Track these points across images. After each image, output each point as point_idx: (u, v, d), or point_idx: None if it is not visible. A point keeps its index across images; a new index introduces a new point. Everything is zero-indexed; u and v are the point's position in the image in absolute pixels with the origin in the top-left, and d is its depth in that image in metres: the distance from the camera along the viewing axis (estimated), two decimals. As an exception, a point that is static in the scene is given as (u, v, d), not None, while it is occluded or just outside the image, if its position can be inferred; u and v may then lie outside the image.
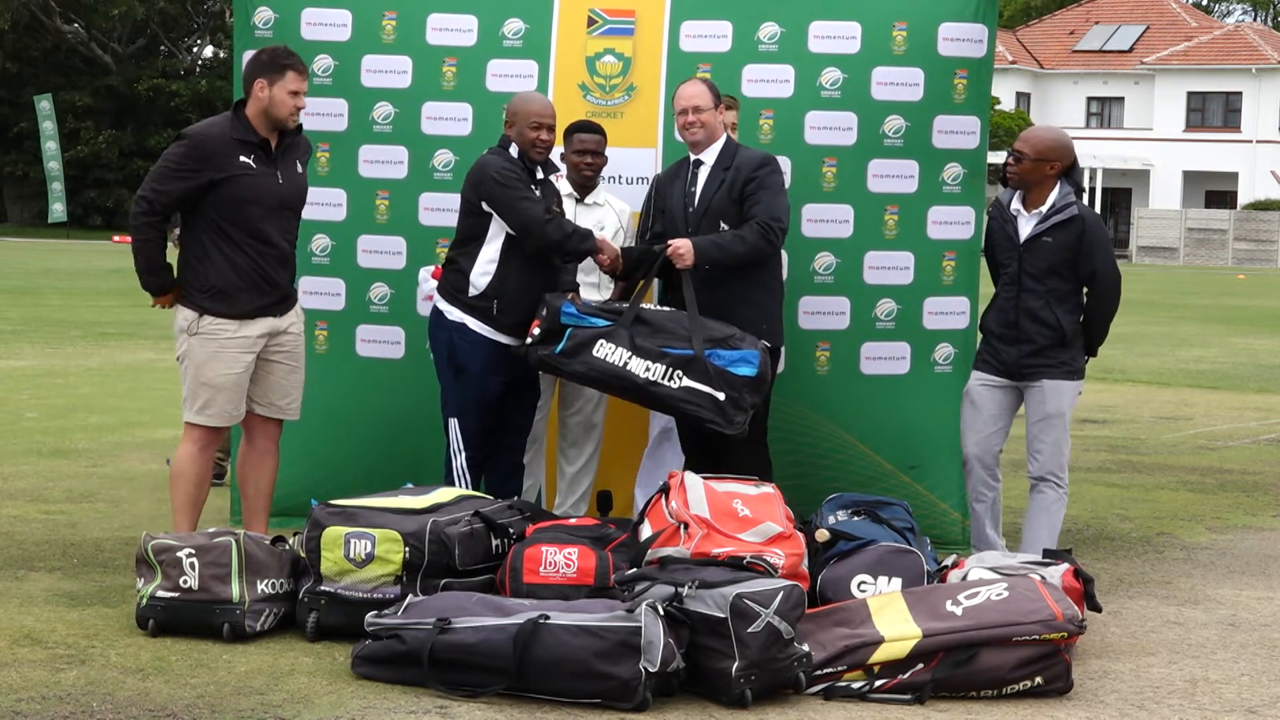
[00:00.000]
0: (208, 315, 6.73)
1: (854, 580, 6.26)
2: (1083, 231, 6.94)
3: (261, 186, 6.74)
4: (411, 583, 6.03)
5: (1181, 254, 59.90)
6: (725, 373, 6.78)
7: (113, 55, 61.92)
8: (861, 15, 7.75)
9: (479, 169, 7.01)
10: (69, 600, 6.52)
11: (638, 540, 6.20)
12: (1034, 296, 6.99)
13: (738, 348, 6.83)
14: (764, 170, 7.13)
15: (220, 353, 6.74)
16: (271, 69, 6.75)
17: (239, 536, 6.12)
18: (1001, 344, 7.07)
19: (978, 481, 7.16)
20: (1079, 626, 5.73)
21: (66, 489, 9.02)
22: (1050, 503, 7.07)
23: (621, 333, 6.83)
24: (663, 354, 6.79)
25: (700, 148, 7.18)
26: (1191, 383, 16.80)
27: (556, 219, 6.95)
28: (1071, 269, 6.98)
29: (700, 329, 6.84)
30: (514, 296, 6.96)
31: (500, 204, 6.91)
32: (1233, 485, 10.29)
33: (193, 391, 6.79)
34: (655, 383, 6.78)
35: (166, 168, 6.70)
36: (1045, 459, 7.07)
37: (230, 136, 6.73)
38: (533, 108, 7.04)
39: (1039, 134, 7.12)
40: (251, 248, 6.73)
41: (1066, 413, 7.05)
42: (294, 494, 7.62)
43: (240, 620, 5.99)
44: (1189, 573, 7.68)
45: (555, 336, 6.85)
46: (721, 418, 6.77)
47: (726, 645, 5.40)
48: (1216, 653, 6.27)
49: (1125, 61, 65.58)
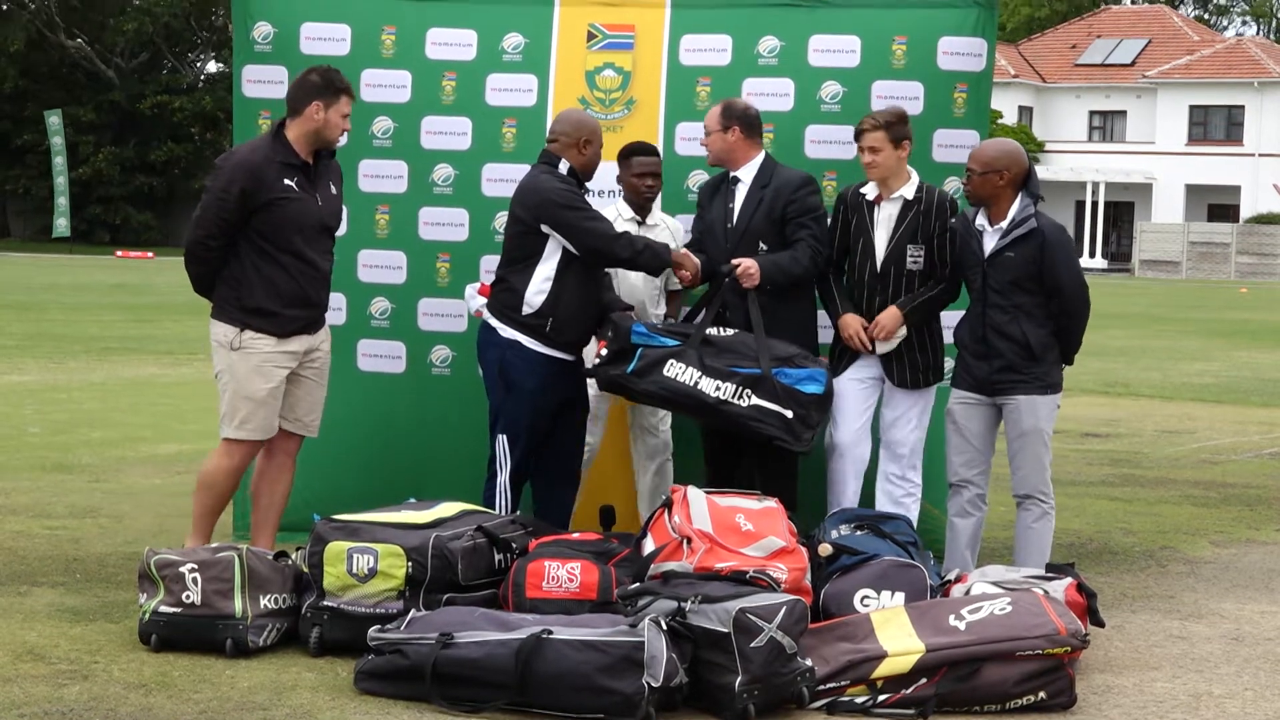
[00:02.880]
0: (249, 330, 6.80)
1: (857, 595, 6.25)
2: (1043, 244, 6.83)
3: (304, 209, 6.81)
4: (414, 598, 6.03)
5: (1184, 268, 59.91)
6: (793, 390, 6.86)
7: (116, 70, 62.08)
8: (861, 29, 7.76)
9: (535, 191, 6.94)
10: (72, 615, 6.52)
11: (640, 555, 6.19)
12: (1000, 312, 6.91)
13: (804, 366, 6.92)
14: (804, 191, 7.25)
15: (261, 367, 6.82)
16: (327, 92, 6.81)
17: (242, 551, 6.12)
18: (973, 359, 7.03)
19: (964, 502, 7.12)
20: (1082, 641, 5.72)
21: (69, 504, 9.01)
22: (1035, 520, 7.00)
23: (691, 352, 6.88)
24: (732, 373, 6.85)
25: (733, 166, 7.27)
26: (1194, 396, 16.79)
27: (625, 236, 6.98)
28: (1036, 282, 6.87)
29: (767, 348, 6.92)
30: (568, 315, 6.97)
31: (566, 226, 6.88)
32: (1236, 499, 10.28)
33: (233, 406, 6.86)
34: (726, 401, 6.84)
35: (217, 199, 6.74)
36: (1026, 476, 7.01)
37: (275, 160, 6.78)
38: (592, 125, 7.07)
39: (984, 146, 7.04)
40: (294, 268, 6.81)
41: (1045, 428, 6.96)
42: (296, 509, 7.61)
43: (243, 635, 5.99)
44: (1192, 587, 7.67)
45: (625, 356, 6.88)
46: (790, 435, 6.85)
47: (729, 660, 5.39)
48: (1220, 667, 6.26)
49: (1127, 75, 65.65)
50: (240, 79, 8.01)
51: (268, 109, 7.90)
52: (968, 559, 7.07)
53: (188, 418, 12.79)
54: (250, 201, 6.70)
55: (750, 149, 7.29)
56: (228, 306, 6.83)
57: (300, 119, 6.82)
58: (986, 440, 7.10)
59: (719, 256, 7.21)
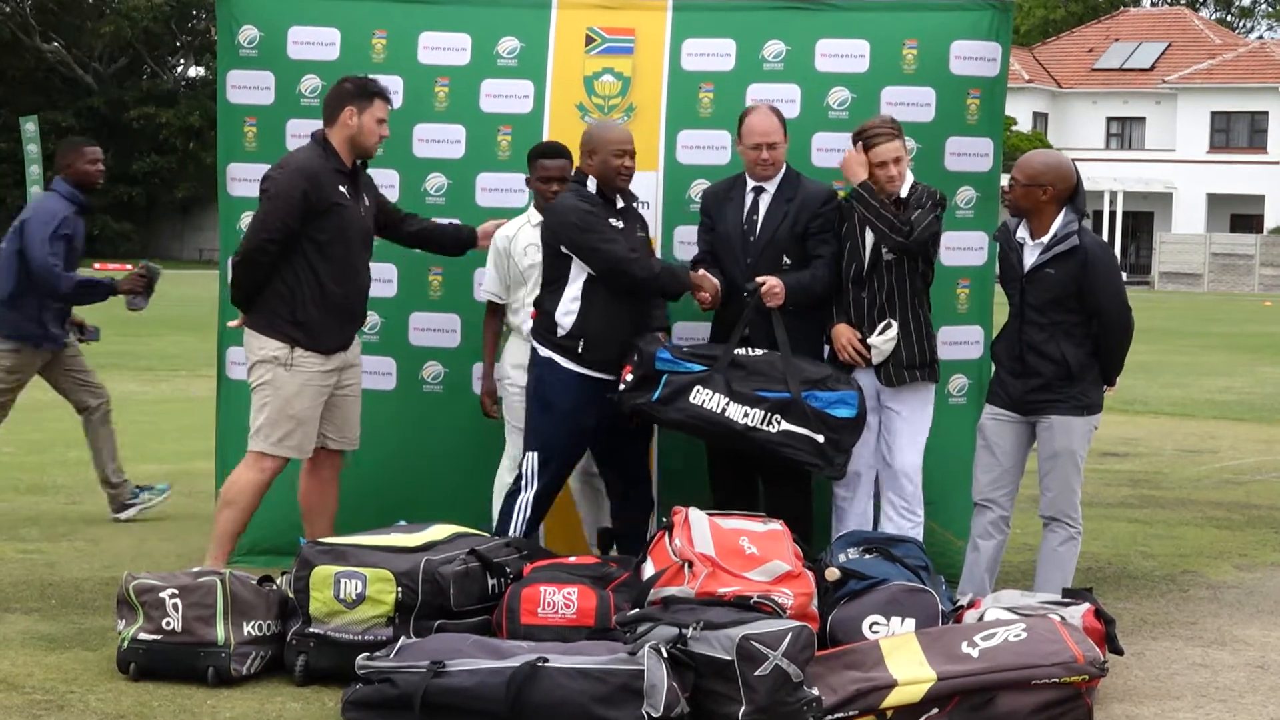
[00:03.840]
0: (300, 349, 6.95)
1: (866, 621, 6.24)
2: (1085, 262, 6.84)
3: (353, 218, 7.03)
4: (404, 624, 6.03)
5: (1206, 280, 59.94)
6: (824, 414, 6.90)
7: (94, 75, 62.14)
8: (870, 33, 7.77)
9: (554, 212, 7.10)
10: (47, 643, 6.52)
11: (640, 579, 6.19)
12: (1037, 330, 6.92)
13: (835, 389, 6.96)
14: (828, 207, 7.29)
15: (308, 386, 6.99)
16: (360, 97, 6.99)
17: (224, 576, 6.13)
18: (1009, 376, 7.04)
19: (987, 523, 7.12)
20: (1100, 669, 5.72)
21: (44, 527, 9.02)
22: (1060, 544, 7.02)
23: (717, 378, 6.92)
24: (760, 398, 6.89)
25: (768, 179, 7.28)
26: (1217, 414, 16.79)
27: (640, 259, 7.04)
28: (1077, 301, 6.88)
29: (795, 371, 6.94)
30: (599, 335, 7.05)
31: (582, 250, 7.00)
32: (1260, 521, 10.28)
33: (273, 422, 6.99)
34: (754, 428, 6.90)
35: (281, 203, 6.87)
36: (1054, 498, 7.02)
37: (328, 166, 6.95)
38: (614, 135, 7.13)
39: (1031, 158, 7.02)
40: (343, 280, 6.99)
41: (1078, 450, 6.98)
42: (282, 531, 7.62)
43: (226, 663, 5.99)
44: (1215, 613, 7.67)
45: (650, 383, 6.94)
46: (822, 460, 6.91)
47: (733, 689, 5.39)
48: (1245, 696, 6.26)
49: (1146, 80, 65.74)
50: (225, 85, 8.02)
51: (253, 115, 7.92)
52: (985, 583, 7.07)
53: (167, 437, 12.78)
54: (312, 206, 6.86)
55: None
56: (278, 321, 6.98)
57: (336, 127, 7.01)
58: (1015, 459, 7.10)
59: (736, 270, 7.23)
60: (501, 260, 7.48)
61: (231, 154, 8.03)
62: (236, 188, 8.00)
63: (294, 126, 7.89)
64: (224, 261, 8.04)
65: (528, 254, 7.36)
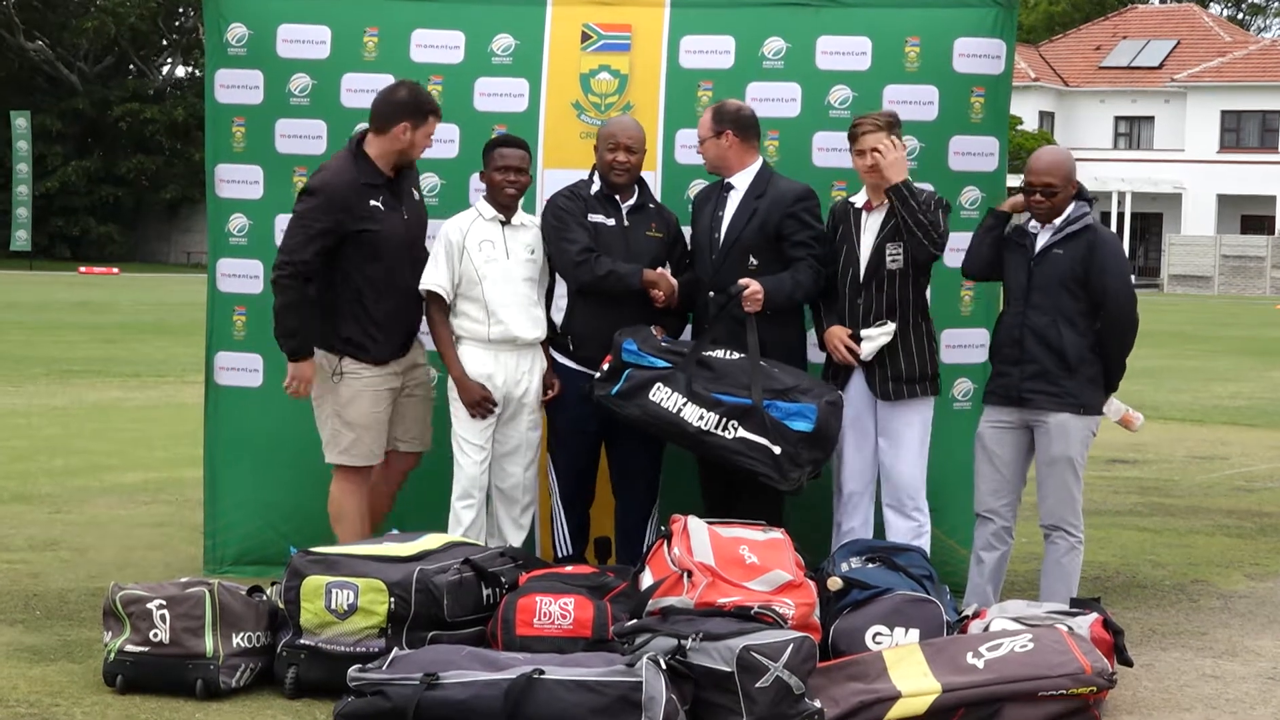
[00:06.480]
0: (348, 358, 7.02)
1: (869, 631, 6.25)
2: (1094, 243, 6.89)
3: (392, 229, 7.07)
4: (397, 635, 6.03)
5: (1216, 283, 59.98)
6: (781, 425, 6.81)
7: (79, 74, 62.13)
8: (872, 30, 7.78)
9: (546, 207, 7.28)
10: (31, 655, 6.51)
11: (638, 589, 6.20)
12: (1040, 313, 6.93)
13: (797, 400, 6.84)
14: (801, 207, 7.22)
15: (362, 393, 7.07)
16: (416, 113, 7.07)
17: (213, 587, 6.12)
18: (1005, 364, 7.03)
19: (990, 534, 7.13)
20: (1109, 680, 5.73)
21: (29, 536, 9.01)
22: (1062, 555, 7.00)
23: (679, 376, 6.88)
24: (717, 402, 6.82)
25: (728, 173, 7.27)
26: (1228, 420, 16.81)
27: (589, 260, 7.08)
28: (1082, 286, 6.90)
29: (761, 378, 6.86)
30: (586, 331, 7.17)
31: (548, 246, 7.20)
32: (1273, 529, 10.28)
33: (336, 432, 7.11)
34: (708, 432, 6.83)
35: (305, 226, 6.93)
36: (1053, 506, 7.01)
37: (359, 182, 6.99)
38: (607, 128, 7.24)
39: (1055, 160, 7.02)
40: (385, 295, 7.06)
41: (1076, 455, 6.96)
42: (271, 541, 7.61)
43: (214, 676, 5.98)
44: (1226, 623, 7.67)
45: (616, 376, 6.94)
46: (777, 472, 6.80)
47: (733, 701, 5.40)
48: (1256, 708, 6.26)
49: (1155, 78, 65.78)
50: (213, 84, 8.02)
51: (241, 115, 7.93)
52: (989, 594, 7.07)
53: (155, 444, 12.78)
54: (340, 229, 6.92)
55: (745, 154, 7.28)
56: (324, 332, 7.04)
57: (386, 138, 7.07)
58: (1016, 469, 7.10)
59: (704, 270, 7.25)
60: (454, 253, 7.23)
61: (220, 154, 8.03)
62: (225, 189, 8.00)
63: (283, 126, 7.90)
64: (212, 264, 8.05)
65: (482, 250, 7.22)
